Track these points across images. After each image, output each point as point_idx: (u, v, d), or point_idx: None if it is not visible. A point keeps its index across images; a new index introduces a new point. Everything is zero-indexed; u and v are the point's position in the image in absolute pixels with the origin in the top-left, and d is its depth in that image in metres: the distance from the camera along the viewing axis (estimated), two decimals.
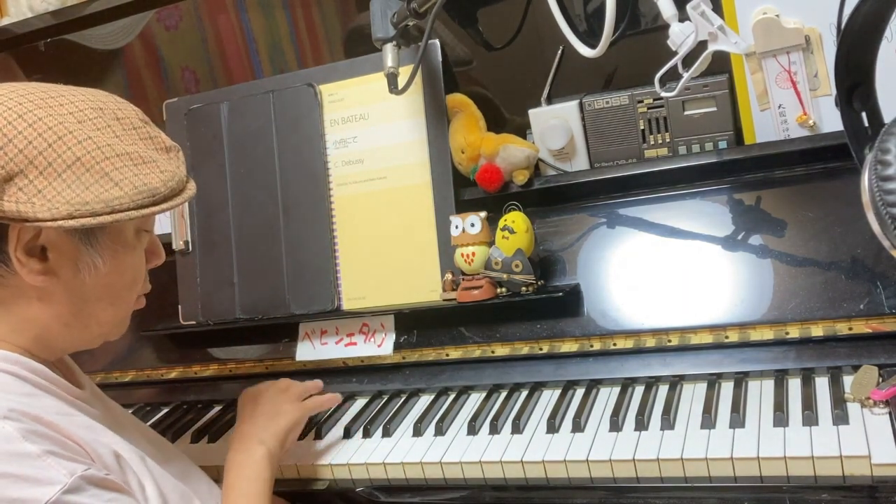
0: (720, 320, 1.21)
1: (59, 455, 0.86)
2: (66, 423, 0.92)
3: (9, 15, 1.86)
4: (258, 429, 1.18)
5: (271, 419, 1.19)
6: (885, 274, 1.13)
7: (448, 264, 1.39)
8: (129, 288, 1.02)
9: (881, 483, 0.94)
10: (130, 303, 1.04)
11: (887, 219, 0.83)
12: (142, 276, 1.04)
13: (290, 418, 1.20)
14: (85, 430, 0.94)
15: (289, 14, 1.60)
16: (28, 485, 0.83)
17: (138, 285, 1.04)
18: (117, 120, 0.95)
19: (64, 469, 0.85)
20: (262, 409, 1.21)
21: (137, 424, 1.20)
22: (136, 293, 1.04)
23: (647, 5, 1.35)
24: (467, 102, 1.42)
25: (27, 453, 0.84)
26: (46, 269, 0.93)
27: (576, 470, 1.09)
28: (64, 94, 0.94)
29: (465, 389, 1.35)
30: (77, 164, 0.89)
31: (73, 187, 0.88)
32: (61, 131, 0.89)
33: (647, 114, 1.34)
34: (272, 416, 1.20)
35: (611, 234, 1.34)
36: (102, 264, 0.96)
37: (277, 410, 1.21)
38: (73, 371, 1.09)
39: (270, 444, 1.15)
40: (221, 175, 1.57)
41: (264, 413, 1.20)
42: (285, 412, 1.21)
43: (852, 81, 0.92)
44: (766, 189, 1.27)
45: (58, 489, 0.83)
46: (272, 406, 1.22)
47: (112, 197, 0.90)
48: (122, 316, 1.04)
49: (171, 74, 1.71)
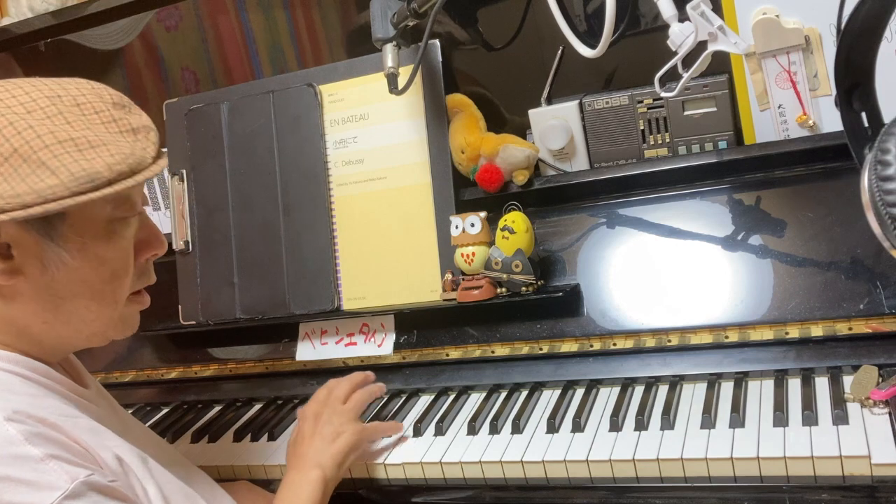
0: (720, 320, 1.21)
1: (61, 459, 0.85)
2: (71, 425, 0.91)
3: (9, 15, 1.86)
4: (316, 451, 1.15)
5: (331, 442, 1.16)
6: (885, 274, 1.13)
7: (448, 264, 1.39)
8: (108, 282, 0.96)
9: (881, 483, 0.94)
10: (118, 298, 0.98)
11: (887, 219, 0.82)
12: (126, 269, 0.98)
13: (350, 442, 1.17)
14: (89, 433, 0.93)
15: (289, 14, 1.60)
16: (28, 489, 0.82)
17: (122, 279, 0.98)
18: (77, 105, 0.92)
19: (66, 474, 0.84)
20: (323, 430, 1.18)
21: (140, 426, 1.20)
22: (125, 288, 0.99)
23: (647, 5, 1.35)
24: (467, 102, 1.42)
25: (29, 456, 0.83)
26: (12, 268, 0.90)
27: (576, 470, 1.09)
28: (22, 86, 0.91)
29: (465, 389, 1.35)
30: (14, 155, 0.86)
31: (10, 180, 0.85)
32: (1, 123, 0.87)
33: (646, 114, 1.34)
34: (332, 437, 1.16)
35: (611, 234, 1.34)
36: (71, 259, 0.92)
37: (338, 432, 1.17)
38: (79, 370, 1.08)
39: (327, 468, 1.13)
40: (221, 175, 1.57)
41: (324, 435, 1.17)
42: (345, 435, 1.17)
43: (852, 81, 0.92)
44: (766, 189, 1.27)
45: (58, 495, 0.82)
46: (331, 427, 1.18)
47: (45, 186, 0.86)
48: (111, 313, 0.99)
49: (171, 74, 1.72)
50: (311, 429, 1.19)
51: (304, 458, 1.15)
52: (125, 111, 0.95)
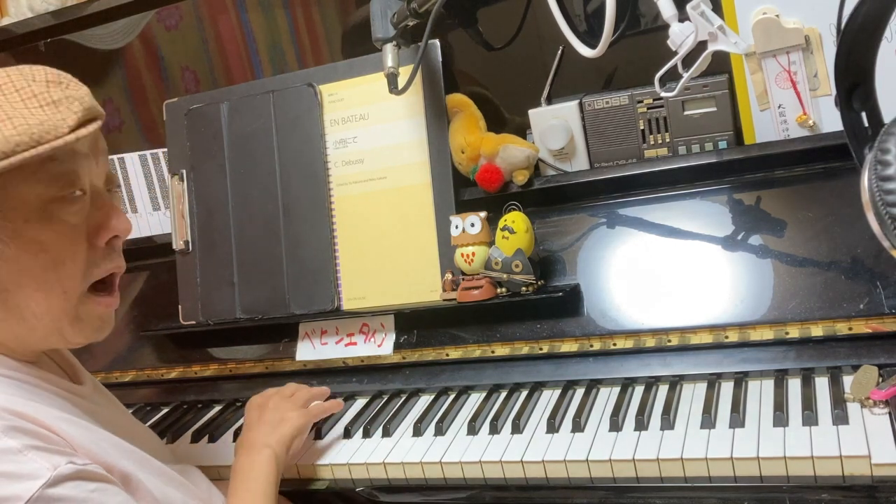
0: (720, 320, 1.21)
1: (40, 449, 0.85)
2: (49, 416, 0.90)
3: (9, 15, 1.86)
4: (263, 434, 1.18)
5: (276, 426, 1.19)
6: (885, 274, 1.13)
7: (448, 264, 1.39)
8: (52, 270, 0.91)
9: (881, 483, 0.94)
10: (66, 288, 0.92)
11: (887, 219, 0.82)
12: (73, 255, 0.92)
13: (295, 424, 1.21)
14: (74, 426, 0.92)
15: (289, 14, 1.60)
16: (9, 481, 0.82)
17: (68, 266, 0.92)
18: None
19: (46, 462, 0.84)
20: (267, 416, 1.21)
21: (139, 424, 1.20)
22: (75, 277, 0.93)
23: (647, 5, 1.35)
24: (467, 102, 1.42)
25: (7, 449, 0.83)
26: None
27: (576, 470, 1.09)
28: None
29: (465, 389, 1.35)
30: None
31: None
32: None
33: (646, 114, 1.34)
34: (277, 422, 1.20)
35: (611, 234, 1.34)
36: (4, 247, 0.88)
37: (282, 417, 1.21)
38: (74, 367, 1.08)
39: (276, 448, 1.16)
40: (221, 175, 1.57)
41: (269, 420, 1.20)
42: (290, 419, 1.21)
43: (852, 81, 0.92)
44: (766, 189, 1.27)
45: (40, 484, 0.82)
46: (277, 413, 1.22)
47: None
48: (62, 305, 0.93)
49: (171, 74, 1.71)
50: (256, 417, 1.22)
51: (251, 441, 1.17)
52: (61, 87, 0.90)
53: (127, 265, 1.02)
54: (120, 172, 1.74)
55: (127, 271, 1.03)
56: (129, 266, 1.04)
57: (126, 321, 1.66)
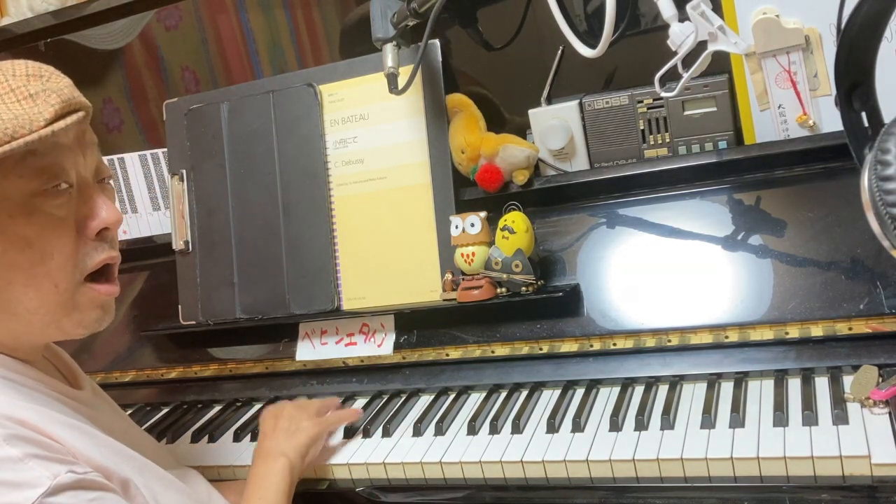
0: (720, 320, 1.21)
1: (41, 457, 0.85)
2: (50, 422, 0.90)
3: (9, 15, 1.86)
4: (278, 443, 1.18)
5: (291, 435, 1.20)
6: (885, 274, 1.13)
7: (448, 264, 1.39)
8: (40, 265, 0.89)
9: (881, 483, 0.94)
10: (57, 282, 0.91)
11: (887, 219, 0.82)
12: (61, 249, 0.91)
13: (310, 433, 1.21)
14: (74, 432, 0.92)
15: (289, 14, 1.60)
16: (9, 489, 0.82)
17: (57, 260, 0.91)
18: None
19: (47, 471, 0.84)
20: (282, 425, 1.22)
21: (137, 429, 1.20)
22: (65, 270, 0.91)
23: (647, 5, 1.35)
24: (467, 102, 1.42)
25: (8, 457, 0.83)
26: None
27: (576, 470, 1.09)
28: None
29: (465, 389, 1.35)
30: None
31: None
32: None
33: (646, 114, 1.34)
34: (292, 432, 1.20)
35: (611, 234, 1.34)
36: None
37: (297, 427, 1.21)
38: (74, 372, 1.08)
39: (291, 457, 1.16)
40: (221, 175, 1.57)
41: (284, 429, 1.21)
42: (304, 428, 1.21)
43: (852, 81, 0.92)
44: (766, 189, 1.27)
45: (39, 493, 0.82)
46: (292, 422, 1.22)
47: None
48: (55, 299, 0.92)
49: (171, 74, 1.71)
50: (272, 426, 1.22)
51: (267, 450, 1.18)
52: (41, 81, 0.90)
53: (127, 265, 1.02)
54: (120, 172, 1.74)
55: (127, 271, 1.03)
56: (130, 266, 1.04)
57: (126, 321, 1.66)
